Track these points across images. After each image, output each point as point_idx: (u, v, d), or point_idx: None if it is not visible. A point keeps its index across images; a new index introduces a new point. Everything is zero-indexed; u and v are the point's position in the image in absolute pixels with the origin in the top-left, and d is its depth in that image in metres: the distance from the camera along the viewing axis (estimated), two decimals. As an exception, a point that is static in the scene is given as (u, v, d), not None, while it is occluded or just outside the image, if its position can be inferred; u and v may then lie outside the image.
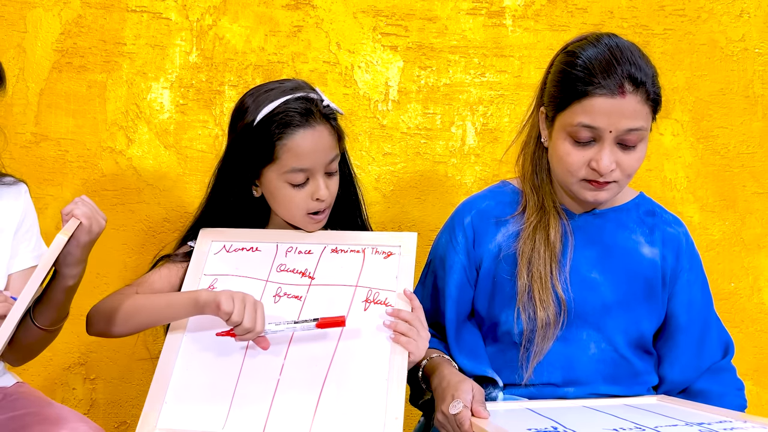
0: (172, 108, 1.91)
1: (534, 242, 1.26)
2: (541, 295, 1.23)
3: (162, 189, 1.92)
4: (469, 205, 1.40)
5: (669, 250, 1.32)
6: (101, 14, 1.88)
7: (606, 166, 1.19)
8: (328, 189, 1.35)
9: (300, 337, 1.26)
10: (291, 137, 1.30)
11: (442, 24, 1.98)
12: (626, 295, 1.30)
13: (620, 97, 1.16)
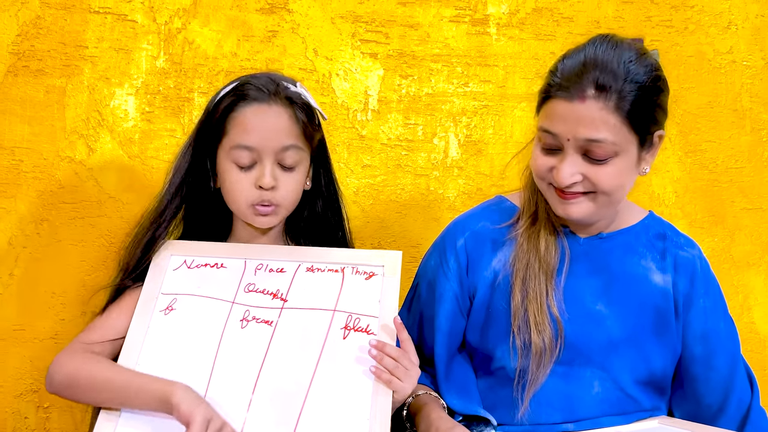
0: (138, 116, 1.58)
1: (528, 257, 1.03)
2: (536, 318, 1.00)
3: (125, 202, 1.57)
4: (462, 225, 1.14)
5: (682, 276, 1.07)
6: (61, 15, 1.55)
7: (563, 177, 0.97)
8: (277, 181, 1.08)
9: (270, 369, 0.98)
10: (242, 110, 1.09)
11: (424, 31, 1.68)
12: (635, 329, 1.05)
13: (578, 101, 0.95)
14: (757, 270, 1.75)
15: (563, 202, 1.01)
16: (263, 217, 1.11)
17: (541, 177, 1.04)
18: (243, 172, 1.09)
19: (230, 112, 1.09)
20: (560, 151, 0.99)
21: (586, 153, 0.98)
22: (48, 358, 1.53)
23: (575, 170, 0.98)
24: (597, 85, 0.96)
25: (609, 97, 0.96)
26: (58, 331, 1.54)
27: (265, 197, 1.09)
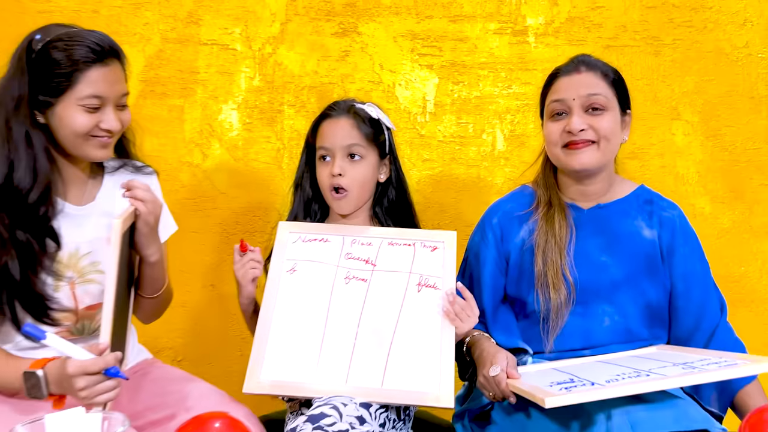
0: (240, 126, 1.85)
1: (546, 235, 1.26)
2: (553, 280, 1.23)
3: (233, 197, 1.84)
4: (495, 208, 1.39)
5: (665, 231, 1.29)
6: (178, 48, 1.82)
7: (575, 124, 1.22)
8: (344, 171, 1.33)
9: (367, 313, 1.24)
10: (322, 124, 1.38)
11: (472, 43, 1.87)
12: (632, 272, 1.27)
13: (576, 73, 1.27)
14: None
15: (575, 153, 1.24)
16: (337, 201, 1.35)
17: (555, 142, 1.26)
18: (323, 166, 1.35)
19: (317, 127, 1.38)
20: (566, 114, 1.25)
21: (588, 108, 1.24)
22: (178, 321, 1.84)
23: (583, 120, 1.23)
24: (587, 64, 1.29)
25: (596, 71, 1.28)
26: (186, 300, 1.83)
27: (334, 182, 1.33)
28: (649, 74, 1.86)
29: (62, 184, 1.16)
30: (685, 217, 1.35)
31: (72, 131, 1.10)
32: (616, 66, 1.84)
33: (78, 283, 1.16)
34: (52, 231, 1.12)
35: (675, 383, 0.99)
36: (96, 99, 1.10)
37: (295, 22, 1.83)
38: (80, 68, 1.08)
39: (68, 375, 0.95)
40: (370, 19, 1.83)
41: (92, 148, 1.13)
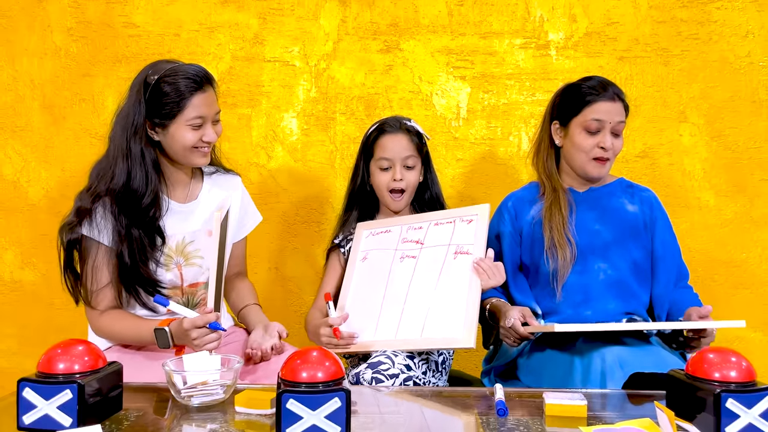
0: (299, 132, 2.08)
1: (552, 212, 1.52)
2: (559, 240, 1.48)
3: (293, 192, 2.06)
4: (510, 196, 1.64)
5: (645, 206, 1.56)
6: (245, 65, 2.05)
7: (609, 143, 1.50)
8: (403, 176, 1.58)
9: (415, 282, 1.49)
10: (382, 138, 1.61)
11: (500, 57, 2.05)
12: (620, 236, 1.51)
13: (612, 102, 1.50)
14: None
15: (599, 166, 1.52)
16: (397, 202, 1.59)
17: (586, 151, 1.51)
18: (384, 173, 1.58)
19: (376, 140, 1.59)
20: (599, 133, 1.50)
21: (613, 131, 1.50)
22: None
23: (611, 140, 1.50)
24: (619, 96, 1.52)
25: (623, 104, 1.53)
26: (254, 281, 2.04)
27: (395, 186, 1.57)
28: (659, 82, 2.05)
29: (169, 187, 1.40)
30: (658, 198, 1.61)
31: (182, 146, 1.34)
32: (628, 74, 2.06)
33: (184, 265, 1.39)
34: (159, 229, 1.36)
35: (652, 326, 1.25)
36: (199, 119, 1.33)
37: (346, 41, 2.07)
38: (186, 96, 1.31)
39: (184, 329, 1.21)
40: (411, 37, 2.06)
41: (197, 158, 1.37)
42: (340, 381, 0.90)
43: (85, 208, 1.32)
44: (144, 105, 1.33)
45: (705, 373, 0.91)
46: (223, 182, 1.52)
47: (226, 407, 1.05)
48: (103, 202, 1.33)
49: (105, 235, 1.32)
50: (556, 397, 1.02)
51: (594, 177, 1.53)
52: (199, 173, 1.50)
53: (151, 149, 1.36)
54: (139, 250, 1.33)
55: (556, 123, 1.58)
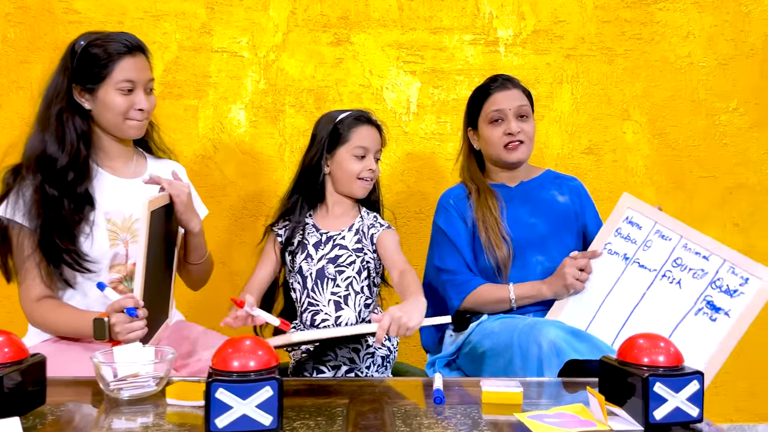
0: (247, 124, 2.03)
1: (483, 213, 1.54)
2: (495, 240, 1.50)
3: (241, 185, 2.02)
4: (448, 193, 1.64)
5: (574, 196, 1.61)
6: (192, 55, 2.00)
7: (514, 127, 1.53)
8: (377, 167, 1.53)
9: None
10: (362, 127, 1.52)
11: (450, 53, 2.06)
12: (554, 227, 1.55)
13: (507, 90, 1.56)
14: (710, 224, 2.09)
15: (513, 151, 1.55)
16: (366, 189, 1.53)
17: (497, 142, 1.55)
18: (358, 161, 1.50)
19: (353, 127, 1.51)
20: (503, 121, 1.54)
21: (517, 116, 1.54)
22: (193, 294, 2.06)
23: (516, 124, 1.53)
24: (512, 82, 1.59)
25: (520, 88, 1.59)
26: None
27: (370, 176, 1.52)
28: (603, 80, 2.10)
29: (104, 158, 1.36)
30: (583, 185, 1.67)
31: (112, 113, 1.30)
32: (575, 72, 2.09)
33: (131, 242, 1.35)
34: (86, 196, 1.30)
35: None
36: (128, 83, 1.30)
37: (296, 33, 2.04)
38: (114, 59, 1.29)
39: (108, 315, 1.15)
40: (361, 31, 2.05)
41: (129, 128, 1.33)
42: (273, 369, 0.88)
43: (4, 188, 1.27)
44: (70, 71, 1.30)
45: (635, 358, 0.92)
46: (167, 168, 1.47)
47: (158, 400, 1.01)
48: (22, 177, 1.28)
49: (26, 216, 1.27)
50: (493, 384, 1.02)
51: (513, 162, 1.57)
52: (142, 154, 1.46)
53: (79, 118, 1.33)
54: (62, 220, 1.28)
55: (470, 130, 1.63)
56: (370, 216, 1.55)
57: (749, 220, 2.09)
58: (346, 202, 1.55)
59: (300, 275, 1.51)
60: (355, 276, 1.49)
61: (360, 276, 1.49)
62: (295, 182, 1.56)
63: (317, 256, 1.50)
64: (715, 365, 1.26)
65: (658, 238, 1.42)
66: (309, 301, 1.49)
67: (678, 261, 1.38)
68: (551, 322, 1.27)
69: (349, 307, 1.47)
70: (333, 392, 1.10)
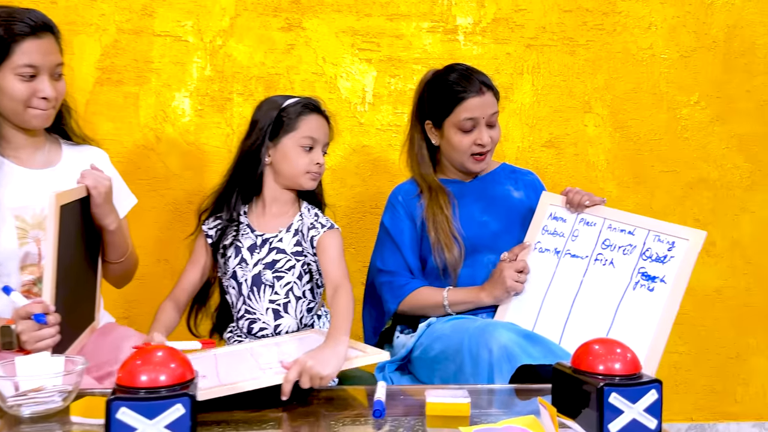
0: (192, 113, 1.91)
1: (433, 211, 1.46)
2: (446, 241, 1.42)
3: (186, 178, 1.89)
4: (397, 190, 1.56)
5: (530, 191, 1.54)
6: (133, 38, 1.87)
7: (487, 140, 1.44)
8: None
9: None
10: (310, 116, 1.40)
11: (407, 40, 1.96)
12: (507, 225, 1.49)
13: (482, 95, 1.43)
14: (672, 219, 2.02)
15: (479, 162, 1.48)
16: (313, 183, 1.42)
17: (465, 151, 1.45)
18: (306, 154, 1.38)
19: (301, 116, 1.38)
20: (474, 129, 1.44)
21: (488, 124, 1.45)
22: (134, 293, 1.94)
23: (487, 134, 1.45)
24: (486, 84, 1.45)
25: (493, 92, 1.46)
26: (139, 274, 1.89)
27: (318, 170, 1.41)
28: (565, 71, 2.03)
29: (6, 148, 1.24)
30: (540, 180, 1.61)
31: (11, 100, 1.17)
32: (536, 63, 2.02)
33: (43, 239, 1.22)
34: None
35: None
36: (30, 68, 1.17)
37: (244, 17, 1.92)
38: (16, 40, 1.15)
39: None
40: (314, 16, 1.94)
41: (31, 118, 1.20)
42: (187, 384, 0.77)
43: None
44: None
45: (589, 366, 0.85)
46: (86, 156, 1.35)
47: (65, 416, 0.90)
48: None
49: None
50: (438, 395, 0.94)
51: (475, 172, 1.51)
52: (57, 141, 1.33)
53: None
54: None
55: (429, 123, 1.52)
56: (311, 214, 1.44)
57: (710, 216, 2.06)
58: (286, 197, 1.44)
59: (234, 281, 1.40)
60: (295, 281, 1.38)
61: (301, 281, 1.39)
62: (230, 173, 1.44)
63: (252, 261, 1.39)
64: (663, 333, 1.23)
65: (583, 226, 1.41)
66: (245, 308, 1.39)
67: (606, 242, 1.37)
68: (503, 325, 1.19)
69: (290, 315, 1.37)
70: (266, 402, 1.00)
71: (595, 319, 1.29)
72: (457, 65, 1.49)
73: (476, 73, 1.46)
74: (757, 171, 2.06)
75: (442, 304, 1.41)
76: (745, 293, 2.07)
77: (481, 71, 1.49)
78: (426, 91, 1.51)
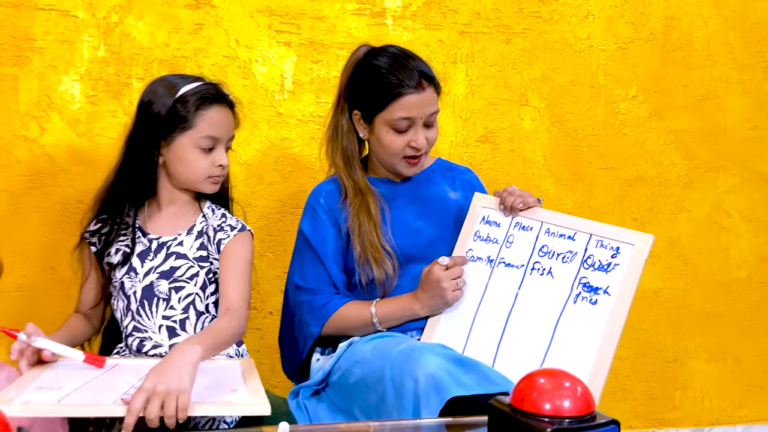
0: (83, 99, 1.65)
1: (359, 218, 1.26)
2: (375, 255, 1.23)
3: (76, 174, 1.64)
4: (318, 189, 1.36)
5: (468, 191, 1.37)
6: (11, 12, 1.59)
7: (423, 143, 1.25)
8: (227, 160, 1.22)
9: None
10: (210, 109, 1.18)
11: (331, 23, 1.78)
12: (443, 230, 1.33)
13: (422, 91, 1.24)
14: (610, 218, 1.95)
15: (412, 167, 1.30)
16: (215, 185, 1.22)
17: (396, 153, 1.27)
18: (205, 155, 1.18)
19: (200, 110, 1.17)
20: (409, 130, 1.25)
21: (425, 123, 1.26)
22: (13, 306, 1.67)
23: (424, 136, 1.26)
24: (427, 78, 1.25)
25: (434, 87, 1.27)
26: (21, 285, 1.62)
27: (220, 173, 1.20)
28: (500, 61, 1.89)
29: None
30: (479, 178, 1.45)
31: None
32: (469, 51, 1.88)
33: None
34: None
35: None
36: None
37: (144, -9, 1.70)
38: None
39: None
40: (226, -8, 1.74)
41: None
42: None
43: None
44: None
45: (533, 404, 0.69)
46: None
47: None
48: None
49: None
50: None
51: (409, 176, 1.34)
52: None
53: None
54: None
55: (358, 114, 1.31)
56: (218, 214, 1.24)
57: (648, 215, 1.98)
58: (185, 198, 1.24)
59: (122, 294, 1.18)
60: (197, 293, 1.18)
61: (204, 292, 1.19)
62: (115, 171, 1.22)
63: (144, 270, 1.17)
64: (608, 352, 1.07)
65: (519, 231, 1.25)
66: (135, 325, 1.17)
67: (544, 249, 1.20)
68: (431, 348, 1.02)
69: (188, 333, 1.16)
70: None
71: (532, 338, 1.13)
72: (392, 47, 1.29)
73: (415, 61, 1.26)
74: (694, 168, 2.00)
75: (370, 321, 1.22)
76: (682, 294, 2.00)
77: (420, 58, 1.29)
78: (356, 75, 1.30)
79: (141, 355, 1.16)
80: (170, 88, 1.20)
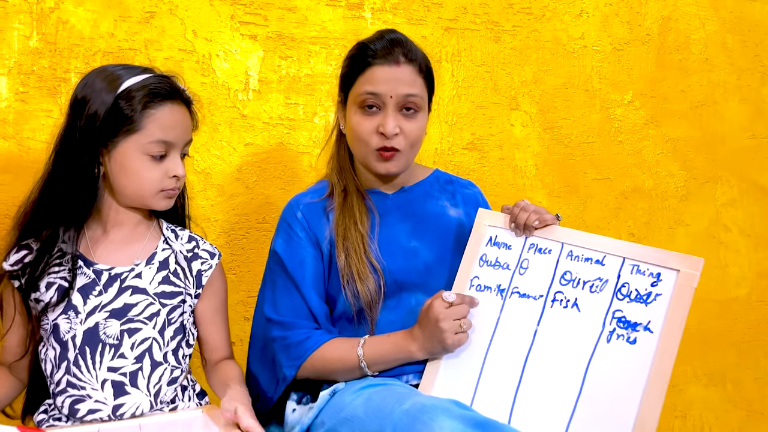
0: (11, 96, 1.41)
1: (345, 223, 1.09)
2: (360, 270, 1.05)
3: (3, 184, 1.40)
4: (295, 202, 1.15)
5: (470, 208, 1.18)
6: None
7: (389, 128, 1.04)
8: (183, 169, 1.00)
9: None
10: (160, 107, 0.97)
11: (302, 14, 1.60)
12: (442, 252, 1.13)
13: (395, 66, 1.05)
14: (605, 233, 1.80)
15: (385, 161, 1.08)
16: (170, 199, 1.02)
17: (365, 139, 1.07)
18: (157, 163, 0.97)
19: (148, 108, 0.96)
20: (380, 111, 1.06)
21: (402, 108, 1.06)
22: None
23: (396, 123, 1.06)
24: (405, 54, 1.06)
25: (415, 64, 1.07)
26: None
27: (173, 185, 1.00)
28: (489, 60, 1.72)
29: None
30: (482, 193, 1.27)
31: None
32: (455, 49, 1.70)
33: None
34: None
35: None
36: None
37: (86, -28, 1.47)
38: None
39: None
40: (182, -23, 1.52)
41: None
42: None
43: None
44: None
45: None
46: None
47: None
48: None
49: None
50: None
51: (382, 174, 1.11)
52: None
53: None
54: None
55: (340, 103, 1.15)
56: (183, 237, 1.03)
57: (644, 229, 1.83)
58: (135, 219, 1.02)
59: (55, 339, 0.95)
60: (155, 337, 0.96)
61: (163, 336, 0.96)
62: (41, 186, 0.99)
63: (87, 309, 0.94)
64: (654, 404, 0.87)
65: (534, 254, 1.03)
66: (69, 380, 0.93)
67: (567, 276, 1.00)
68: (444, 409, 0.82)
69: (140, 390, 0.94)
70: None
71: (557, 386, 0.94)
72: (387, 32, 1.11)
73: (404, 42, 1.07)
74: (692, 179, 1.86)
75: (357, 364, 1.01)
76: (681, 315, 1.86)
77: (415, 44, 1.11)
78: (344, 63, 1.14)
79: (75, 421, 0.93)
80: (111, 81, 0.98)
